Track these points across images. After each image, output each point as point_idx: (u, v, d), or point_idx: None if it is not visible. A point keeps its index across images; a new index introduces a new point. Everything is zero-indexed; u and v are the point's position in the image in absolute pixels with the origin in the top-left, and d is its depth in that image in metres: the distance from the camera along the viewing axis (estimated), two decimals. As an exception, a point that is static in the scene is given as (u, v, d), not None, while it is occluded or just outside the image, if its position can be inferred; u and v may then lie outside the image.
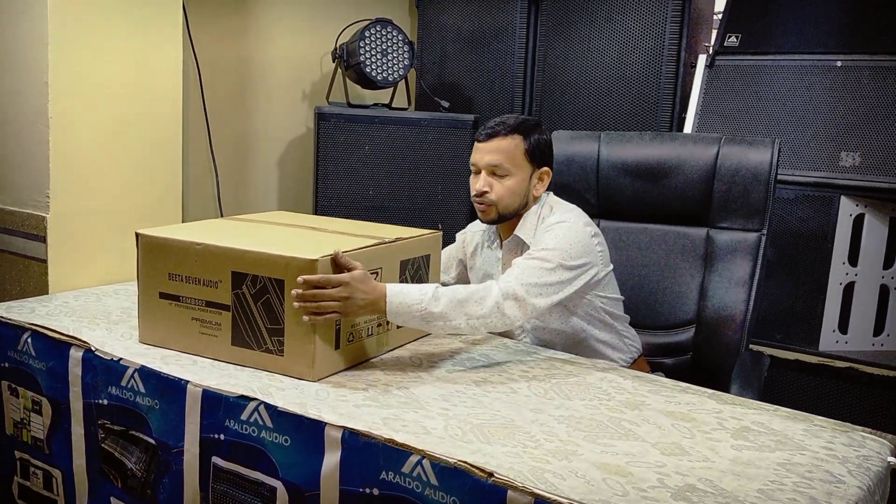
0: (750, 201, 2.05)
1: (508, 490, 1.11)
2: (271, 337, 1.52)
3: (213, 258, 1.56)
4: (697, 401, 1.47)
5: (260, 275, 1.51)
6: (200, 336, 1.60)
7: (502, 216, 1.85)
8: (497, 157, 1.80)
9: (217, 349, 1.58)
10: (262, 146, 3.04)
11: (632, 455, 1.22)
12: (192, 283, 1.59)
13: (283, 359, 1.52)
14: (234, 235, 1.69)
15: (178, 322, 1.62)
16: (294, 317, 1.48)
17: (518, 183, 1.82)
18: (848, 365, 2.42)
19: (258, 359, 1.54)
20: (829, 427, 1.38)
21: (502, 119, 1.84)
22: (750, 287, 2.03)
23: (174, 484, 1.53)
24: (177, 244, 1.61)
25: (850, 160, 2.44)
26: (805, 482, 1.16)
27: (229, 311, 1.56)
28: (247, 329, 1.55)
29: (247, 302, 1.54)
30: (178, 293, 1.61)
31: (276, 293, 1.50)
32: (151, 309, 1.65)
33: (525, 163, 1.83)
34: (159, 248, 1.63)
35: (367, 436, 1.27)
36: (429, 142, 2.83)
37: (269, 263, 1.51)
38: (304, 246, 1.58)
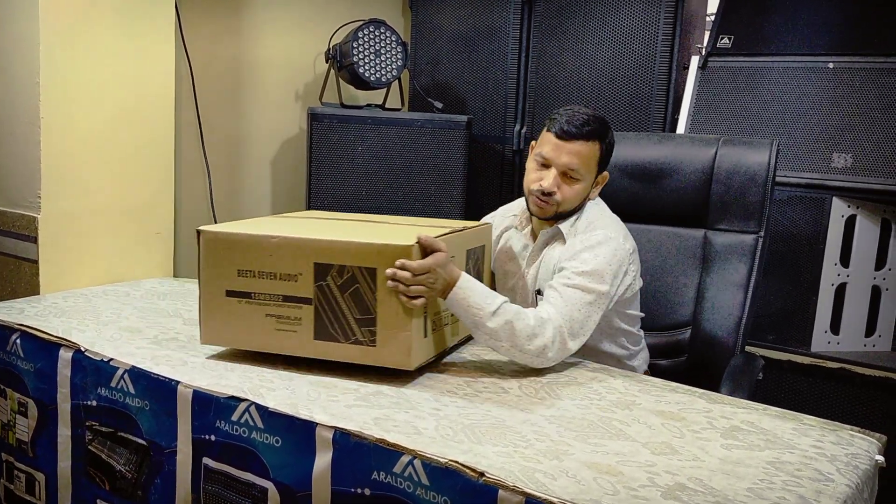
0: (747, 203, 2.04)
1: (499, 490, 1.11)
2: (361, 328, 1.49)
3: (292, 251, 1.52)
4: (688, 400, 1.48)
5: (348, 265, 1.48)
6: (276, 333, 1.55)
7: (558, 216, 1.81)
8: (575, 161, 1.75)
9: (297, 345, 1.55)
10: (255, 147, 3.04)
11: (622, 454, 1.22)
12: (266, 279, 1.54)
13: (375, 349, 1.49)
14: (301, 229, 1.66)
15: (250, 320, 1.56)
16: (388, 306, 1.46)
17: (585, 188, 1.80)
18: (840, 366, 2.42)
19: (346, 351, 1.51)
20: (818, 426, 1.38)
21: (586, 118, 1.77)
22: (746, 289, 2.03)
23: (166, 484, 1.53)
24: (247, 239, 1.56)
25: (841, 161, 2.44)
26: (794, 480, 1.16)
27: (311, 305, 1.52)
28: (332, 322, 1.51)
29: (332, 294, 1.50)
30: (250, 290, 1.56)
31: (366, 282, 1.47)
32: (216, 308, 1.59)
33: (595, 169, 1.80)
34: (226, 245, 1.58)
35: (358, 436, 1.27)
36: (422, 142, 2.82)
37: (360, 252, 1.48)
38: (384, 235, 1.56)
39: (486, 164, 3.12)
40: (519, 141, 3.04)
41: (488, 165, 3.12)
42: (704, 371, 2.04)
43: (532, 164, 1.82)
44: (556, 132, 1.76)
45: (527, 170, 1.84)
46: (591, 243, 1.74)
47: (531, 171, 1.82)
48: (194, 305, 2.01)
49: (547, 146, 1.78)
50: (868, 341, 2.52)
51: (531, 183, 1.80)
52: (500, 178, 3.11)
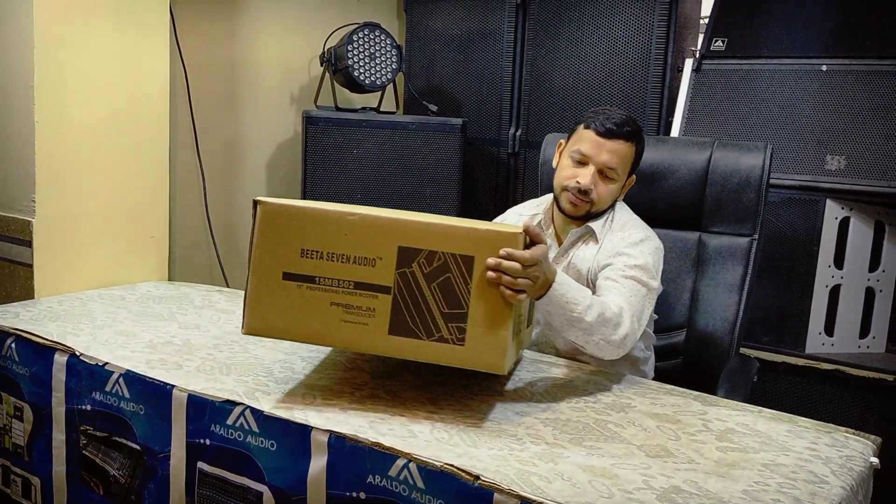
0: (742, 206, 2.05)
1: (494, 493, 1.11)
2: (448, 324, 1.32)
3: (374, 231, 1.33)
4: (683, 403, 1.48)
5: (440, 250, 1.31)
6: (342, 325, 1.35)
7: (590, 215, 1.81)
8: (615, 161, 1.76)
9: (367, 340, 1.35)
10: (250, 150, 3.04)
11: (617, 457, 1.23)
12: (337, 261, 1.34)
13: (463, 349, 1.31)
14: (376, 210, 1.47)
15: (311, 308, 1.36)
16: (483, 300, 1.30)
17: (619, 188, 1.81)
18: (834, 367, 2.43)
19: (428, 350, 1.33)
20: (813, 428, 1.39)
21: (625, 118, 1.78)
22: (741, 292, 2.03)
23: (160, 489, 1.52)
24: (319, 214, 1.36)
25: (835, 164, 2.45)
26: (789, 483, 1.16)
27: (389, 294, 1.33)
28: (413, 315, 1.33)
29: (416, 283, 1.32)
30: (314, 273, 1.35)
31: (460, 272, 1.30)
32: (268, 293, 1.37)
33: (628, 170, 1.81)
34: (290, 219, 1.36)
35: (353, 440, 1.26)
36: (417, 145, 2.83)
37: (457, 238, 1.31)
38: (476, 224, 1.39)
39: (480, 167, 3.12)
40: (514, 144, 3.05)
41: (483, 168, 3.13)
42: (699, 373, 2.04)
43: (566, 161, 1.81)
44: (597, 129, 1.76)
45: (559, 167, 1.83)
46: (635, 240, 1.75)
47: (565, 167, 1.80)
48: (189, 309, 2.02)
49: (586, 143, 1.77)
50: (862, 343, 2.53)
51: (566, 180, 1.79)
52: (496, 181, 3.11)
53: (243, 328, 1.39)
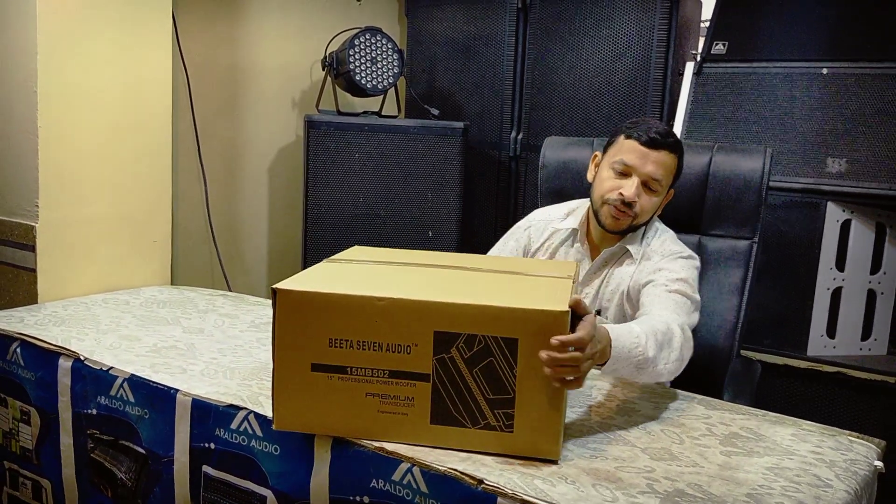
0: (742, 209, 2.05)
1: (498, 497, 1.12)
2: (494, 410, 1.22)
3: (405, 316, 1.23)
4: (687, 406, 1.48)
5: (481, 334, 1.20)
6: (380, 417, 1.26)
7: (632, 228, 1.77)
8: (661, 172, 1.72)
9: (408, 431, 1.26)
10: (252, 154, 3.04)
11: (621, 460, 1.23)
12: (369, 350, 1.24)
13: (512, 436, 1.22)
14: (405, 284, 1.38)
15: (344, 400, 1.26)
16: (530, 383, 1.20)
17: (660, 201, 1.77)
18: (836, 370, 2.44)
19: (475, 438, 1.24)
20: (817, 431, 1.39)
21: (668, 129, 1.75)
22: (741, 295, 2.04)
23: (165, 493, 1.53)
24: (344, 300, 1.25)
25: (836, 166, 2.46)
26: (793, 486, 1.16)
27: (428, 382, 1.24)
28: (456, 403, 1.24)
29: (457, 369, 1.22)
30: (345, 363, 1.26)
31: (503, 356, 1.20)
32: (298, 386, 1.27)
33: (670, 182, 1.78)
34: (313, 307, 1.25)
35: (356, 444, 1.27)
36: (419, 149, 2.83)
37: (496, 319, 1.20)
38: (518, 293, 1.30)
39: (482, 171, 3.13)
40: (515, 147, 3.05)
41: (484, 172, 3.13)
42: (700, 376, 2.03)
43: (607, 173, 1.75)
44: (640, 139, 1.71)
45: (598, 179, 1.78)
46: (674, 255, 1.73)
47: (606, 179, 1.75)
48: (194, 313, 2.03)
49: (630, 154, 1.72)
50: (864, 345, 2.53)
51: (608, 192, 1.73)
52: (497, 185, 3.12)
53: (274, 423, 1.31)
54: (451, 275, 1.46)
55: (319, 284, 1.30)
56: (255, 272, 3.12)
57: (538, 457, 1.22)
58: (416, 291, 1.26)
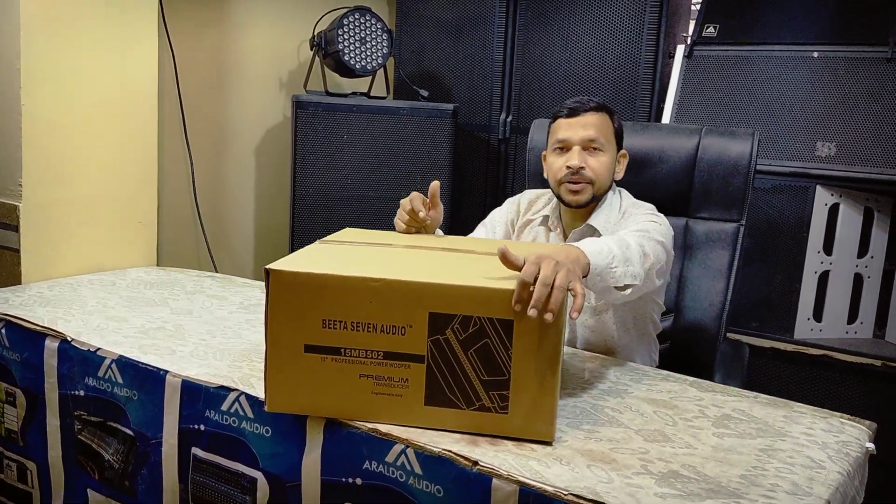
0: (729, 192, 2.05)
1: (493, 478, 1.11)
2: (488, 391, 1.22)
3: (400, 297, 1.21)
4: (679, 389, 1.48)
5: (476, 315, 1.19)
6: (374, 398, 1.25)
7: (594, 198, 1.78)
8: (593, 131, 1.74)
9: (402, 412, 1.25)
10: (239, 135, 3.01)
11: (615, 441, 1.23)
12: (364, 331, 1.23)
13: (506, 417, 1.22)
14: (400, 266, 1.37)
15: (338, 381, 1.25)
16: (526, 365, 1.20)
17: (610, 161, 1.78)
18: (822, 353, 2.45)
19: (469, 420, 1.23)
20: (809, 413, 1.39)
21: (583, 98, 1.79)
22: (728, 277, 2.04)
23: (153, 475, 1.51)
24: (338, 281, 1.23)
25: (825, 150, 2.46)
26: (787, 468, 1.17)
27: (423, 363, 1.23)
28: (450, 384, 1.23)
29: (452, 350, 1.22)
30: (339, 344, 1.24)
31: (498, 337, 1.20)
32: (291, 367, 1.26)
33: (613, 140, 1.79)
34: (307, 288, 1.24)
35: (349, 426, 1.26)
36: (408, 131, 2.81)
37: (492, 300, 1.19)
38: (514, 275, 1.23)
39: (471, 153, 3.12)
40: (505, 130, 3.04)
41: (474, 154, 3.12)
42: (687, 358, 2.05)
43: (552, 158, 1.80)
44: (564, 114, 1.78)
45: (548, 167, 1.82)
46: (646, 211, 1.75)
47: (553, 163, 1.79)
48: (181, 295, 2.01)
49: (561, 130, 1.78)
50: (850, 328, 2.55)
51: (558, 172, 1.77)
52: (486, 167, 3.11)
53: (266, 405, 1.30)
54: (446, 256, 1.45)
55: (313, 265, 1.29)
56: (242, 254, 3.10)
57: (532, 438, 1.22)
58: (411, 273, 1.25)
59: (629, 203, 1.84)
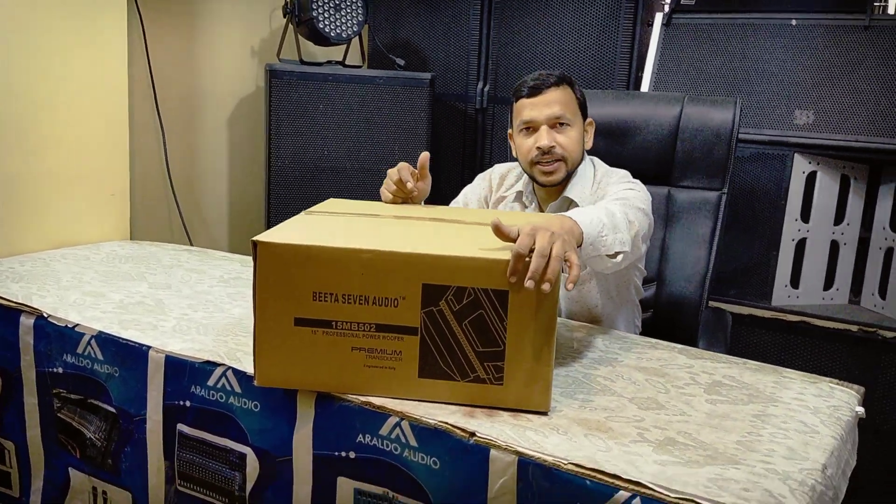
0: (712, 161, 2.06)
1: (491, 449, 1.10)
2: (483, 363, 1.20)
3: (393, 268, 1.19)
4: (668, 356, 1.48)
5: (470, 286, 1.17)
6: (366, 371, 1.23)
7: (568, 174, 1.76)
8: (557, 108, 1.72)
9: (395, 385, 1.23)
10: (211, 105, 2.95)
11: (610, 410, 1.22)
12: (355, 303, 1.20)
13: (501, 388, 1.20)
14: (391, 237, 1.35)
15: (329, 355, 1.23)
16: (521, 335, 1.18)
17: (578, 134, 1.76)
18: (800, 319, 2.47)
19: (464, 391, 1.21)
20: (798, 379, 1.40)
21: (542, 73, 1.75)
22: (710, 245, 2.05)
23: (137, 452, 1.49)
24: (329, 253, 1.20)
25: (803, 118, 2.47)
26: (781, 433, 1.17)
27: (416, 336, 1.20)
28: (445, 356, 1.21)
29: (445, 322, 1.19)
30: (330, 317, 1.21)
31: (493, 308, 1.17)
32: (281, 341, 1.23)
33: (578, 112, 1.77)
34: (296, 260, 1.20)
35: (341, 400, 1.24)
36: (385, 101, 2.77)
37: (487, 271, 1.16)
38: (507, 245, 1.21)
39: (448, 123, 3.08)
40: (482, 99, 3.01)
41: (451, 124, 3.09)
42: (670, 326, 2.06)
43: (520, 139, 1.78)
44: (525, 94, 1.75)
45: (517, 148, 1.80)
46: (621, 179, 1.74)
47: (522, 144, 1.77)
48: (158, 269, 1.96)
49: (525, 111, 1.75)
50: (826, 294, 2.57)
51: (528, 153, 1.75)
52: (463, 137, 3.08)
53: (256, 379, 1.27)
54: (437, 227, 1.43)
55: (301, 237, 1.26)
56: (217, 227, 3.05)
57: (528, 409, 1.21)
58: (403, 244, 1.23)
59: (603, 171, 1.83)
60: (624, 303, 1.83)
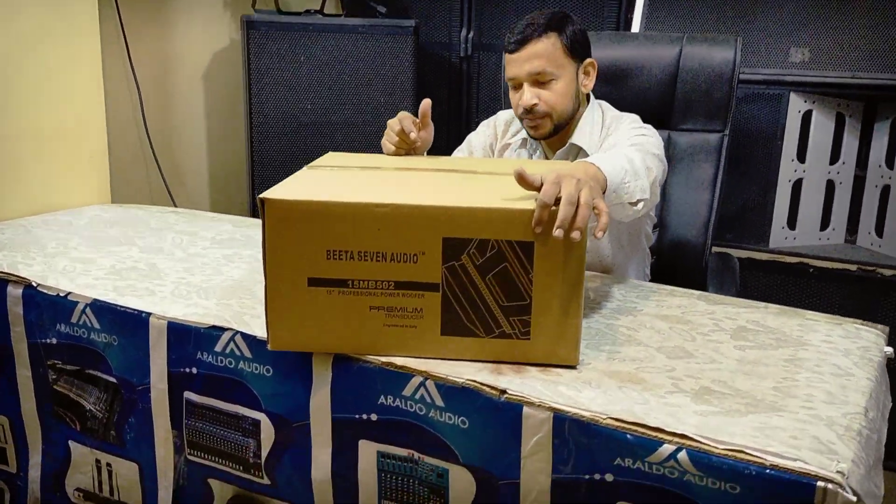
0: (713, 102, 2.01)
1: (524, 406, 1.06)
2: (509, 318, 1.15)
3: (410, 223, 1.13)
4: (688, 303, 1.44)
5: (493, 238, 1.11)
6: (386, 330, 1.17)
7: (558, 126, 1.69)
8: (537, 64, 1.63)
9: (417, 344, 1.18)
10: (185, 61, 2.83)
11: (639, 360, 1.18)
12: (372, 260, 1.14)
13: (528, 343, 1.15)
14: (406, 189, 1.28)
15: (346, 315, 1.17)
16: (548, 289, 1.12)
17: (567, 85, 1.67)
18: (798, 260, 2.46)
19: (489, 348, 1.17)
20: (823, 321, 1.37)
21: (529, 20, 1.65)
22: (713, 189, 2.01)
23: (141, 423, 1.43)
24: (341, 209, 1.14)
25: (799, 56, 2.42)
26: (816, 377, 1.14)
27: (437, 292, 1.15)
28: (468, 312, 1.16)
29: (468, 276, 1.14)
30: (346, 276, 1.16)
31: (518, 260, 1.12)
32: (294, 302, 1.17)
33: (567, 61, 1.67)
34: (308, 217, 1.14)
35: (360, 361, 1.19)
36: (368, 51, 2.68)
37: (511, 222, 1.11)
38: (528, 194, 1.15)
39: (431, 72, 2.99)
40: (466, 47, 2.92)
41: (434, 73, 3.00)
42: (674, 272, 2.03)
43: (511, 93, 1.72)
44: (509, 49, 1.67)
45: (511, 101, 1.74)
46: (631, 124, 1.67)
47: (511, 98, 1.71)
48: (147, 232, 1.89)
49: (509, 67, 1.68)
50: (822, 234, 2.56)
51: (516, 109, 1.71)
52: (448, 86, 2.99)
53: (269, 343, 1.21)
54: (450, 178, 1.36)
55: (311, 192, 1.19)
56: (197, 188, 2.95)
57: (556, 363, 1.16)
58: (419, 196, 1.17)
59: (612, 116, 1.77)
60: (635, 251, 1.79)
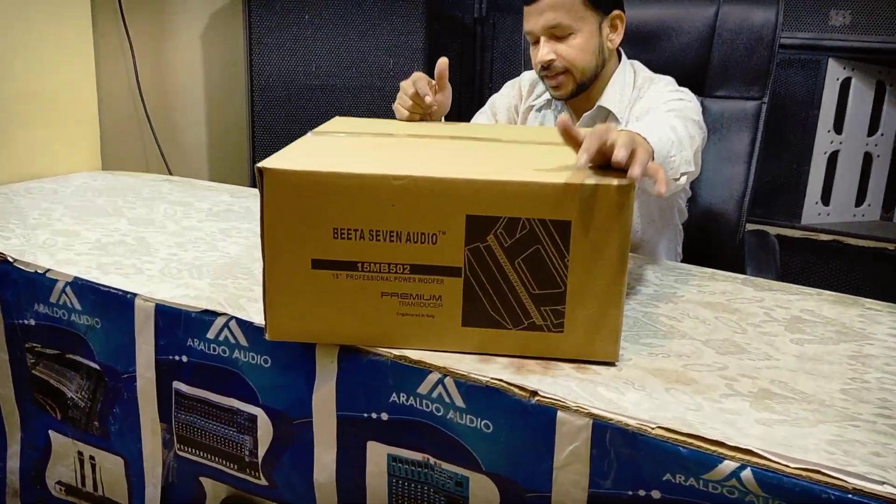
0: (751, 66, 1.84)
1: (559, 410, 0.92)
2: (540, 307, 1.01)
3: (430, 198, 0.98)
4: (733, 288, 1.30)
5: (525, 217, 0.97)
6: (400, 320, 1.04)
7: (581, 85, 1.55)
8: (552, 16, 1.49)
9: (435, 336, 1.04)
10: (182, 21, 2.66)
11: (685, 356, 1.04)
12: (385, 240, 1.01)
13: (562, 336, 1.02)
14: (424, 160, 1.14)
15: (355, 302, 1.04)
16: (585, 275, 0.99)
17: (587, 39, 1.52)
18: (832, 238, 2.31)
19: (516, 341, 1.03)
20: (885, 310, 1.23)
21: None
22: (749, 161, 1.86)
23: (127, 414, 1.30)
24: (353, 181, 0.99)
25: (839, 19, 2.25)
26: (889, 378, 1.00)
27: (459, 277, 1.01)
28: (493, 300, 1.02)
29: (495, 260, 1.01)
30: (355, 258, 1.02)
31: (552, 242, 0.98)
32: (296, 286, 1.04)
33: (588, 12, 1.52)
34: (313, 190, 1.00)
35: (370, 353, 1.05)
36: (377, 10, 2.51)
37: (544, 198, 0.96)
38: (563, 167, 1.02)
39: (442, 35, 2.82)
40: (480, 7, 2.75)
41: (446, 36, 2.83)
42: (705, 250, 1.89)
43: (531, 51, 1.58)
44: (524, 2, 1.54)
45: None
46: (667, 86, 1.55)
47: (532, 55, 1.58)
48: (138, 202, 1.75)
49: (526, 21, 1.55)
50: (857, 211, 2.41)
51: (535, 68, 1.58)
52: (461, 49, 2.83)
53: (267, 333, 1.07)
54: (472, 147, 1.21)
55: (316, 162, 1.04)
56: (195, 155, 2.80)
57: (593, 359, 1.02)
58: (440, 168, 1.02)
59: (645, 77, 1.62)
60: (666, 227, 1.65)
